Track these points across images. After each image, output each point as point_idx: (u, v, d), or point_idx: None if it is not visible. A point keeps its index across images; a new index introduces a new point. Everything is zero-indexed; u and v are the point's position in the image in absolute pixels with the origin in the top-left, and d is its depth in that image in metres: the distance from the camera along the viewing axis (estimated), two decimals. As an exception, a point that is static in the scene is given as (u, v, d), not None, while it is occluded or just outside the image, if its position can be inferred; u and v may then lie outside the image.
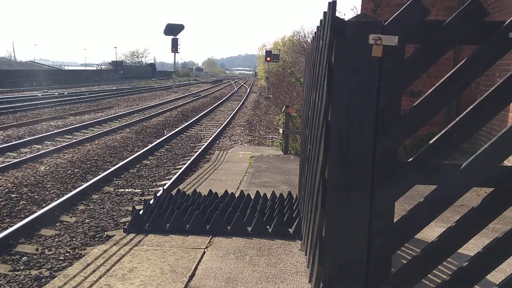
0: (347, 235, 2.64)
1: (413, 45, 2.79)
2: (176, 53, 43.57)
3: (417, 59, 2.59)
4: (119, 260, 3.81)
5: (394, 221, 2.68)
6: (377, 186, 2.62)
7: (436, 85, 2.55)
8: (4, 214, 7.12)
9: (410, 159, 2.66)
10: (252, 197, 5.85)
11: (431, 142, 2.57)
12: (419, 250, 2.65)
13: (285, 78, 21.13)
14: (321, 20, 3.46)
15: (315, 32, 4.08)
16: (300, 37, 39.08)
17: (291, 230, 4.67)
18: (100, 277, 3.44)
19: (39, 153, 11.64)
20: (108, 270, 3.57)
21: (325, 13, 3.18)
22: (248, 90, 54.23)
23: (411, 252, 4.03)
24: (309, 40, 39.05)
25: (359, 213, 2.64)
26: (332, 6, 2.71)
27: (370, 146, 2.58)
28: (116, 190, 9.01)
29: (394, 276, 2.69)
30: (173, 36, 43.05)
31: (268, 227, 4.74)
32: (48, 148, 12.47)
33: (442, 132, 2.56)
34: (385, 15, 9.11)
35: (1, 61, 64.94)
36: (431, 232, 4.57)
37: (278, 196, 5.82)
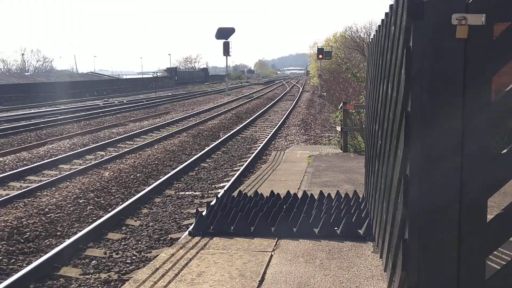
0: (435, 237, 2.40)
1: (503, 23, 2.50)
2: (228, 56, 44.08)
3: (509, 39, 2.31)
4: (186, 264, 3.75)
5: (487, 220, 2.41)
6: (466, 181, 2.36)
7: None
8: (73, 219, 7.35)
9: (504, 151, 2.38)
10: (316, 197, 5.64)
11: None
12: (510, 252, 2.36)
13: (340, 75, 20.68)
14: (391, 5, 3.23)
15: (383, 20, 3.84)
16: (352, 33, 38.33)
17: (361, 232, 4.43)
18: (169, 282, 3.38)
19: (103, 159, 12.04)
20: (176, 275, 3.51)
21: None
22: (301, 89, 53.85)
23: (502, 255, 3.67)
24: (362, 35, 38.16)
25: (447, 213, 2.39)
26: (408, -14, 2.47)
27: (457, 138, 2.32)
28: (177, 193, 9.10)
29: (489, 281, 2.42)
30: (224, 40, 43.57)
31: (336, 228, 4.52)
32: (111, 154, 12.89)
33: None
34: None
35: (64, 73, 68.64)
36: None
37: (343, 196, 5.58)
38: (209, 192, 9.13)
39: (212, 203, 5.62)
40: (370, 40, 5.41)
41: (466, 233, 2.37)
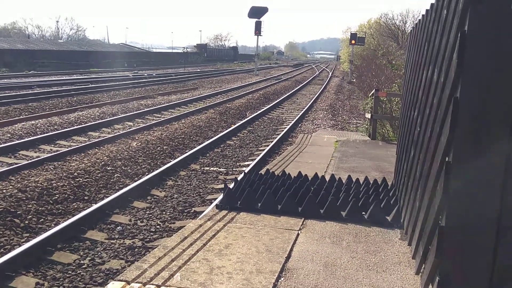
0: (473, 225, 2.35)
1: None
2: (259, 36, 43.74)
3: None
4: (214, 235, 3.78)
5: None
6: (512, 174, 2.28)
7: None
8: (101, 185, 7.50)
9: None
10: (344, 181, 5.60)
11: None
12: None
13: (372, 61, 20.30)
14: (443, -12, 3.11)
15: (432, 4, 3.71)
16: (387, 19, 37.47)
17: (389, 218, 4.38)
18: (197, 251, 3.42)
19: (131, 129, 12.21)
20: (204, 245, 3.55)
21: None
22: (330, 74, 53.20)
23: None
24: (397, 22, 37.27)
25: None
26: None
27: (508, 127, 2.24)
28: (202, 168, 9.17)
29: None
30: (256, 19, 43.19)
31: (363, 213, 4.49)
32: (139, 126, 13.05)
33: None
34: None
35: (96, 43, 69.41)
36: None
37: (372, 182, 5.52)
38: (234, 169, 9.17)
39: (239, 178, 5.65)
40: (414, 26, 5.26)
41: (506, 225, 2.31)
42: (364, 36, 38.00)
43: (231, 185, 5.35)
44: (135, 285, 2.89)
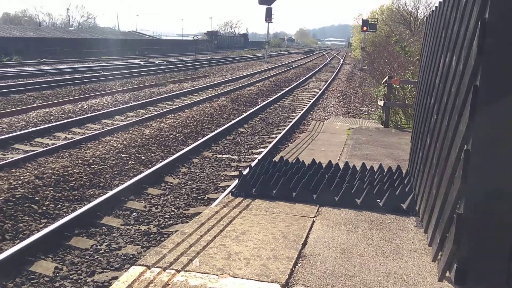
0: (491, 213, 2.36)
1: None
2: (269, 23, 43.43)
3: None
4: (230, 222, 3.83)
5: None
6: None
7: None
8: (116, 172, 7.59)
9: None
10: (358, 168, 5.61)
11: None
12: None
13: (385, 48, 20.09)
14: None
15: (450, -11, 3.66)
16: (400, 5, 36.95)
17: (404, 206, 4.39)
18: (214, 237, 3.47)
19: (143, 117, 12.29)
20: (221, 231, 3.60)
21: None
22: (342, 61, 52.79)
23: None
24: (410, 9, 36.73)
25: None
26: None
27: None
28: (215, 155, 9.22)
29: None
30: (267, 6, 42.83)
31: (378, 200, 4.50)
32: (152, 113, 13.12)
33: None
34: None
35: (107, 31, 69.51)
36: None
37: (386, 170, 5.52)
38: (246, 156, 9.21)
39: (253, 164, 5.68)
40: (430, 13, 5.20)
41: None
42: (376, 22, 37.53)
43: (245, 172, 5.39)
44: (156, 270, 2.95)
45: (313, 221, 3.97)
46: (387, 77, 11.02)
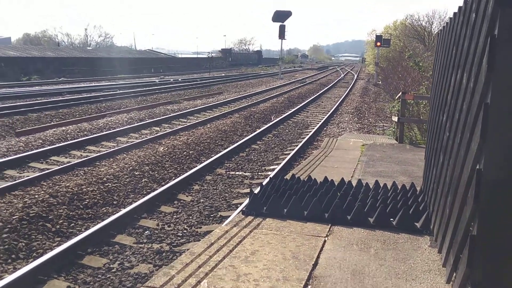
0: (506, 234, 2.29)
1: None
2: (283, 40, 43.75)
3: None
4: (240, 241, 3.79)
5: None
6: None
7: None
8: (129, 190, 7.63)
9: None
10: (371, 186, 5.53)
11: None
12: None
13: (399, 63, 20.02)
14: (472, -9, 3.05)
15: (460, 7, 3.64)
16: (413, 21, 36.90)
17: (418, 225, 4.30)
18: (224, 257, 3.44)
19: (158, 134, 12.38)
20: (231, 251, 3.57)
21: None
22: (356, 76, 52.73)
23: None
24: (424, 24, 36.64)
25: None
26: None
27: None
28: (228, 172, 9.21)
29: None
30: (280, 23, 43.22)
31: (391, 219, 4.42)
32: (166, 131, 13.22)
33: None
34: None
35: (123, 50, 70.74)
36: None
37: (400, 187, 5.43)
38: (259, 173, 9.18)
39: (264, 183, 5.65)
40: (442, 28, 5.16)
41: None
42: (389, 38, 37.52)
43: (256, 190, 5.36)
44: (163, 292, 2.93)
45: (325, 241, 3.92)
46: (400, 93, 10.95)
